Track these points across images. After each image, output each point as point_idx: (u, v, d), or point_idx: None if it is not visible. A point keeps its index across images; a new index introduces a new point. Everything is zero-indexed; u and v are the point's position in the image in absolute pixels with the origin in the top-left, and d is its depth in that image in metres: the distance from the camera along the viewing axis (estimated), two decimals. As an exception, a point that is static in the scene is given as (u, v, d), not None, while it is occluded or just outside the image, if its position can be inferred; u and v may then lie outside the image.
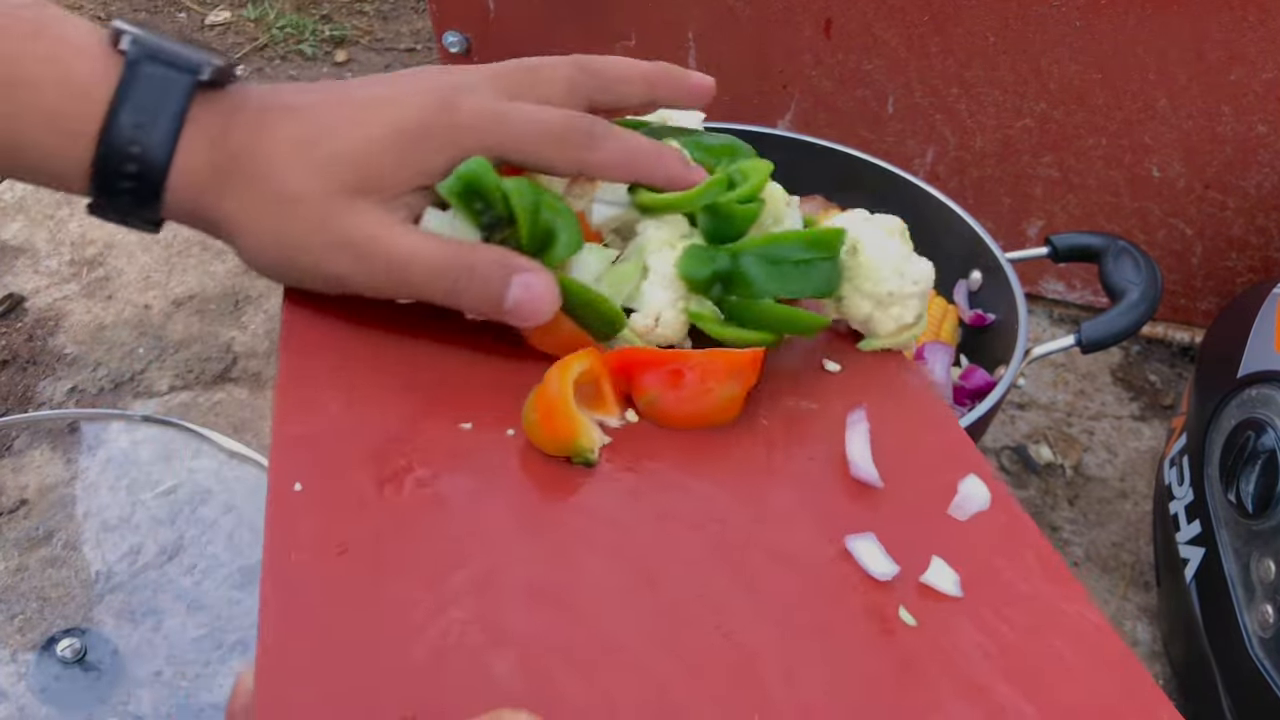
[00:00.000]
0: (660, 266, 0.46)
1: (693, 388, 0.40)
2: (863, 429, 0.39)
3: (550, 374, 0.38)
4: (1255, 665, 0.58)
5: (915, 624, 0.32)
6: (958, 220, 0.74)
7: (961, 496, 0.37)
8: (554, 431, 0.37)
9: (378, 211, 0.41)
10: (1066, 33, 0.87)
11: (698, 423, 0.40)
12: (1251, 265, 0.94)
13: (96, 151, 0.38)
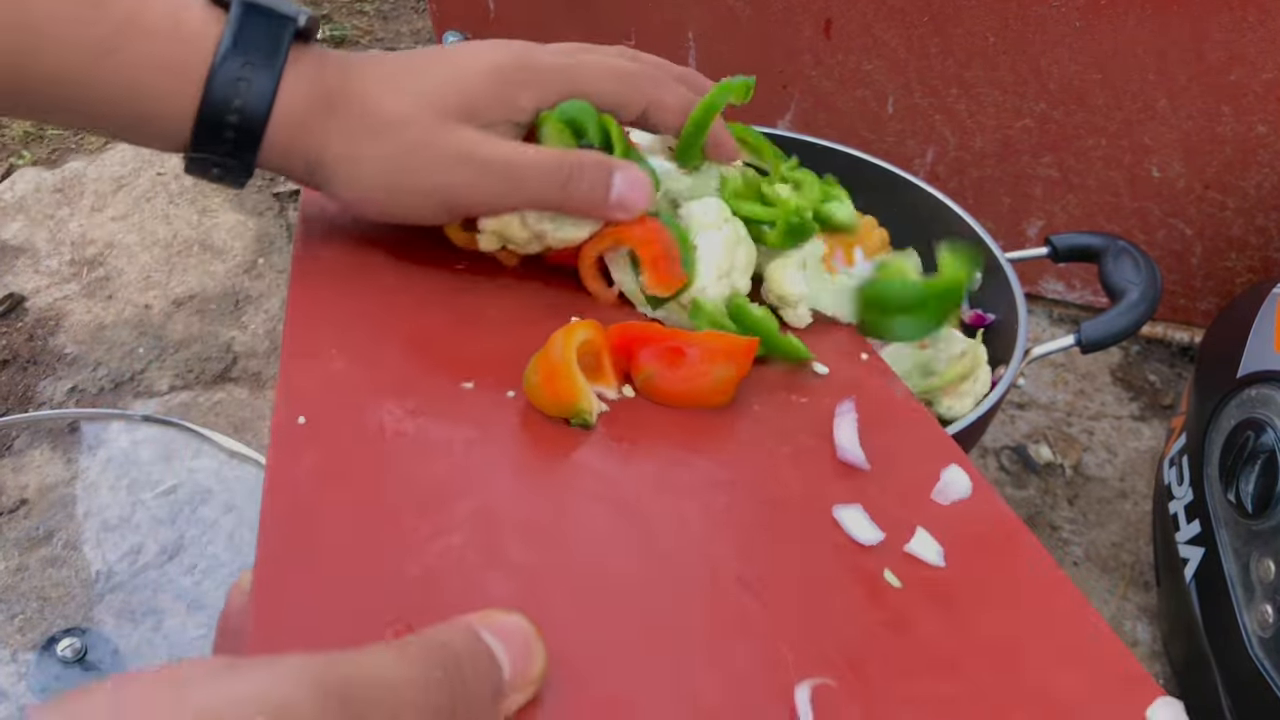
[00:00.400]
0: (707, 245, 0.48)
1: (690, 367, 0.41)
2: (851, 418, 0.41)
3: (555, 338, 0.39)
4: (1255, 665, 0.58)
5: (900, 585, 0.34)
6: (957, 220, 0.74)
7: (944, 483, 0.39)
8: (555, 392, 0.38)
9: (481, 132, 0.44)
10: (1066, 33, 0.87)
11: (692, 402, 0.41)
12: (1251, 265, 0.94)
13: (204, 94, 0.41)
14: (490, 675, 0.24)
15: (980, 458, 0.88)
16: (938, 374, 0.58)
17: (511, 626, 0.25)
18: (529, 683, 0.25)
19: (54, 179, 1.14)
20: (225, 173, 0.44)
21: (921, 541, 0.36)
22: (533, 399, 0.39)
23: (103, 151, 1.18)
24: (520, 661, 0.25)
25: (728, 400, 0.42)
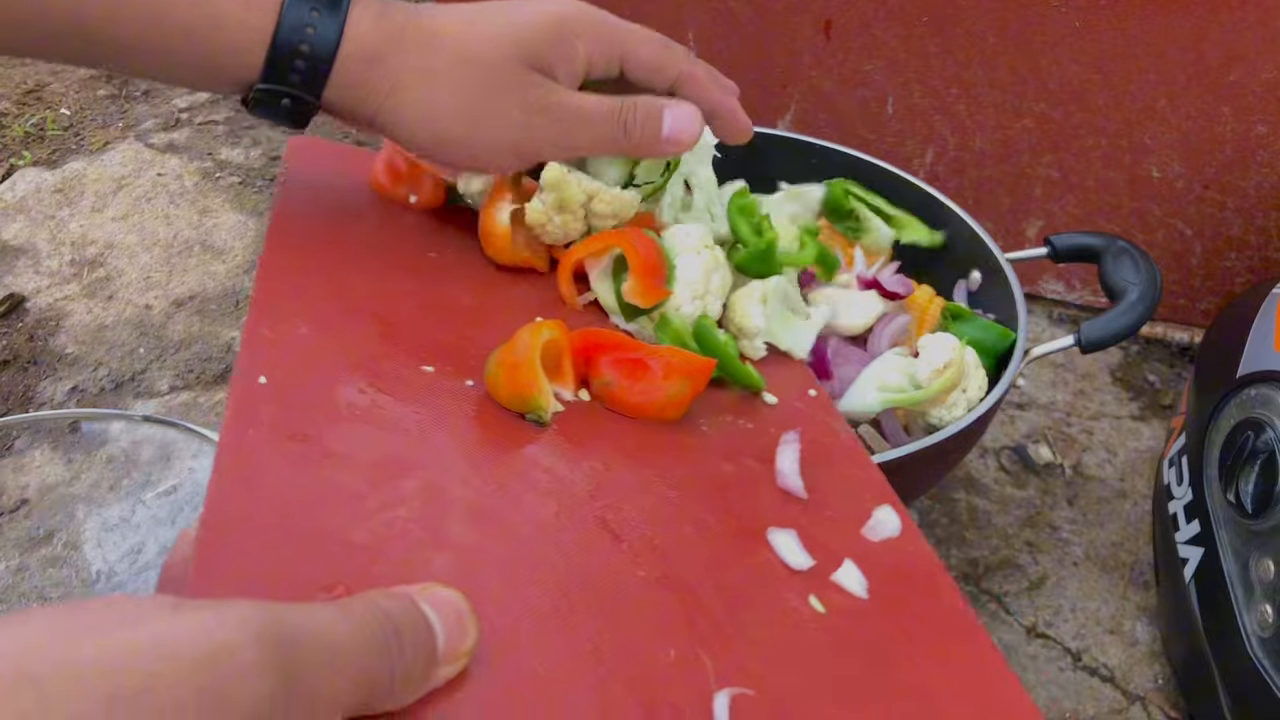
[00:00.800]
0: (685, 267, 0.51)
1: (648, 380, 0.42)
2: (794, 448, 0.43)
3: (521, 333, 0.40)
4: (1254, 665, 0.58)
5: (824, 611, 0.35)
6: (957, 220, 0.74)
7: (875, 521, 0.40)
8: (515, 385, 0.39)
9: (548, 81, 0.47)
10: (1066, 33, 0.87)
11: (645, 413, 0.42)
12: (1250, 265, 0.94)
13: (277, 24, 0.42)
14: (426, 645, 0.25)
15: (980, 458, 0.88)
16: (924, 386, 0.58)
17: (448, 601, 0.26)
18: (460, 655, 0.26)
19: (54, 179, 1.14)
20: (295, 106, 0.44)
21: (848, 572, 0.37)
22: (492, 390, 0.39)
23: (103, 152, 1.18)
24: (454, 635, 0.26)
25: (679, 416, 0.43)
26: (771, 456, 0.42)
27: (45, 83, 1.29)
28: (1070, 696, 0.71)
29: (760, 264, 0.56)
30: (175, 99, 1.28)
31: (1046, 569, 0.80)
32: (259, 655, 0.21)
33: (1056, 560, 0.80)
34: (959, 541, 0.81)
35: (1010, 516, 0.84)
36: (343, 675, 0.22)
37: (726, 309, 0.55)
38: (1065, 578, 0.79)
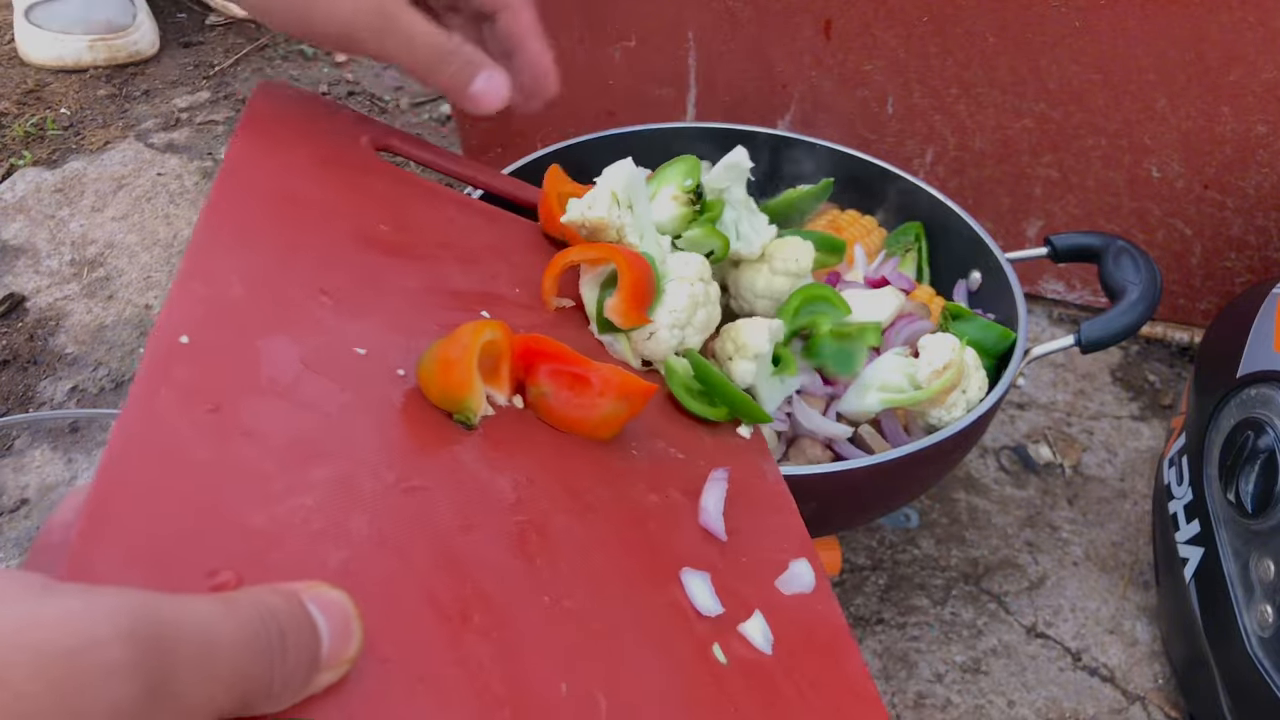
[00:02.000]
0: (673, 294, 0.51)
1: (586, 396, 0.41)
2: (721, 486, 0.42)
3: (463, 331, 0.38)
4: (1254, 664, 0.58)
5: (725, 663, 0.34)
6: (957, 220, 0.74)
7: (791, 573, 0.40)
8: (448, 384, 0.37)
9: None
10: (1066, 33, 0.87)
11: (578, 429, 0.41)
12: (1250, 265, 0.94)
13: None
14: (310, 650, 0.24)
15: (980, 457, 0.88)
16: (923, 387, 0.58)
17: (336, 603, 0.25)
18: (343, 662, 0.24)
19: (54, 179, 1.14)
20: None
21: (756, 625, 0.36)
22: (423, 384, 0.38)
23: (103, 151, 1.18)
24: (339, 640, 0.24)
25: (611, 436, 0.42)
26: (698, 490, 0.41)
27: (45, 83, 1.29)
28: (1070, 696, 0.71)
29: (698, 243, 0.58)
30: (175, 99, 1.28)
31: (1046, 569, 0.80)
32: (125, 654, 0.19)
33: (1056, 560, 0.80)
34: (959, 541, 0.81)
35: (1010, 516, 0.84)
36: (218, 678, 0.21)
37: (721, 337, 0.55)
38: (1065, 578, 0.79)
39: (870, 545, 0.81)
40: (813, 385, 0.60)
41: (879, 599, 0.77)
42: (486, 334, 0.39)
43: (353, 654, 0.25)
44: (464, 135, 1.14)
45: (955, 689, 0.71)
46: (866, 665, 0.37)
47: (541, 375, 0.41)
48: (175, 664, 0.20)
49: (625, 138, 0.75)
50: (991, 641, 0.75)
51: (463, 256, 0.49)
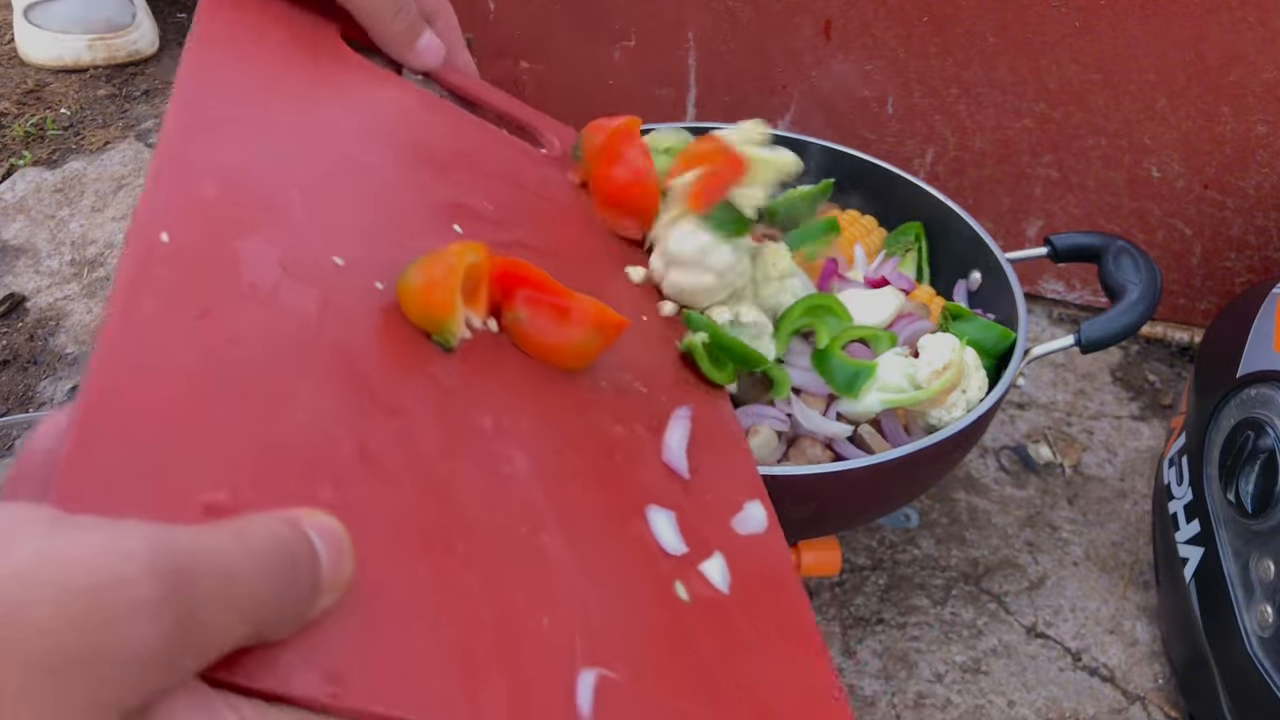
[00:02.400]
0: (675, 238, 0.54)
1: (561, 324, 0.41)
2: (685, 425, 0.43)
3: (447, 250, 0.38)
4: (1254, 665, 0.58)
5: (687, 600, 0.35)
6: (957, 220, 0.74)
7: (746, 514, 0.41)
8: (429, 304, 0.37)
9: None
10: (1066, 33, 0.87)
11: (551, 357, 0.41)
12: (1250, 265, 0.94)
13: None
14: (313, 574, 0.24)
15: (980, 457, 0.88)
16: (923, 387, 0.58)
17: (329, 528, 0.25)
18: (339, 586, 0.25)
19: (54, 179, 1.14)
20: None
21: (715, 565, 0.37)
22: (403, 302, 0.37)
23: (103, 151, 1.18)
24: (334, 564, 0.24)
25: (582, 366, 0.42)
26: (661, 427, 0.42)
27: (45, 83, 1.29)
28: (1070, 696, 0.71)
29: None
30: (175, 99, 1.28)
31: (1046, 569, 0.80)
32: (152, 591, 0.19)
33: (1056, 560, 0.80)
34: (959, 541, 0.81)
35: (1010, 516, 0.84)
36: (237, 608, 0.21)
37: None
38: (1065, 578, 0.79)
39: (870, 545, 0.81)
40: (813, 385, 0.60)
41: (879, 599, 0.77)
42: (470, 257, 0.38)
43: (346, 578, 0.25)
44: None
45: (955, 689, 0.71)
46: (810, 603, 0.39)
47: (519, 301, 0.41)
48: (198, 597, 0.20)
49: (625, 138, 0.75)
50: (991, 641, 0.75)
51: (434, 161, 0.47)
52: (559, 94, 1.07)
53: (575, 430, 0.39)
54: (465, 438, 0.34)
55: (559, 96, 1.07)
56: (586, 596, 0.32)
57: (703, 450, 0.42)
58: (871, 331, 0.61)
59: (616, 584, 0.33)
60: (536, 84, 1.07)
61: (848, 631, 0.75)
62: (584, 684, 0.29)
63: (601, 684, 0.29)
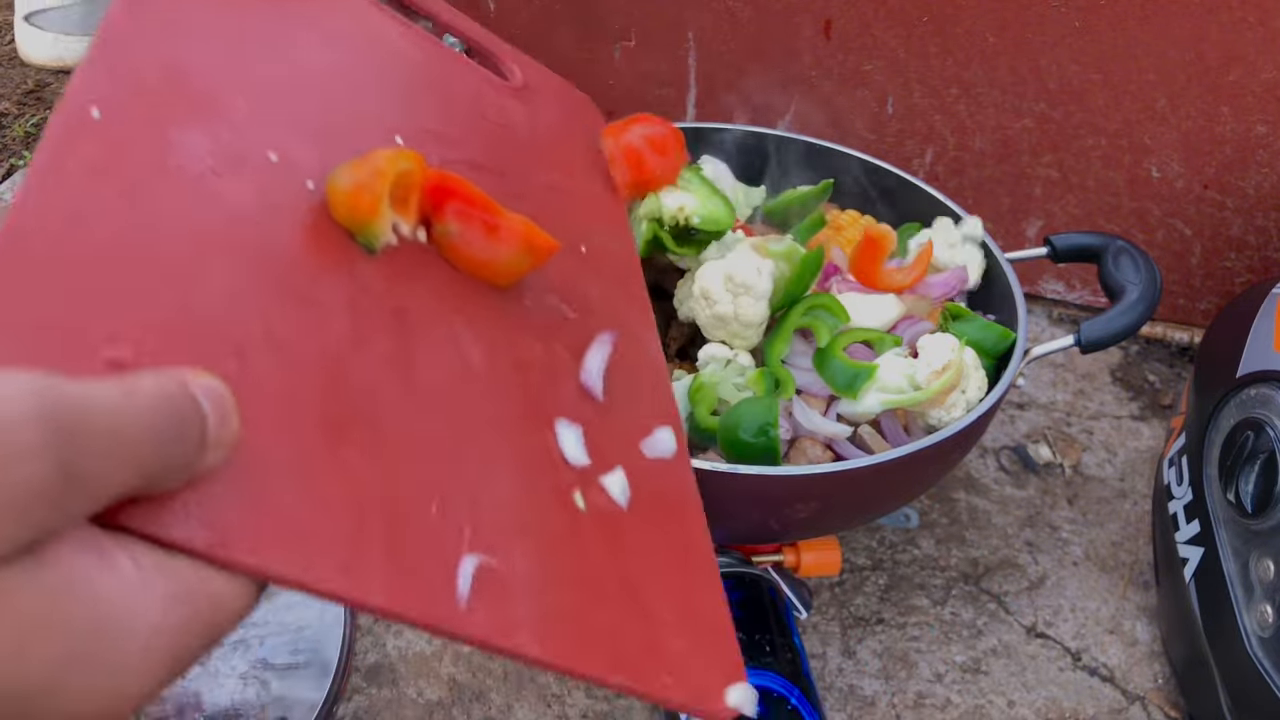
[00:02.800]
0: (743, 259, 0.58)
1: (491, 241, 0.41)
2: (606, 349, 0.43)
3: (378, 154, 0.38)
4: (1254, 665, 0.59)
5: (583, 508, 0.36)
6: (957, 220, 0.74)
7: (655, 438, 0.42)
8: (356, 205, 0.37)
9: None
10: (1066, 33, 0.87)
11: (478, 272, 0.42)
12: (1250, 265, 0.94)
13: None
14: (198, 429, 0.24)
15: (980, 457, 0.89)
16: (922, 388, 0.58)
17: (215, 389, 0.25)
18: (224, 444, 0.25)
19: (54, 179, 1.14)
20: None
21: (616, 480, 0.38)
22: (331, 202, 0.37)
23: (103, 152, 1.19)
24: (219, 422, 0.25)
25: (509, 284, 0.43)
26: (582, 351, 0.43)
27: (45, 83, 1.29)
28: (1070, 696, 0.71)
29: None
30: (175, 99, 1.28)
31: (1046, 569, 0.80)
32: (37, 436, 0.19)
33: (1056, 560, 0.80)
34: (959, 541, 0.81)
35: (1010, 516, 0.84)
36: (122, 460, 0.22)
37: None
38: (1065, 578, 0.79)
39: (870, 545, 0.81)
40: (813, 386, 0.60)
41: (879, 599, 0.77)
42: (402, 164, 0.38)
43: (231, 437, 0.26)
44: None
45: (955, 689, 0.71)
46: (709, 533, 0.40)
47: (449, 214, 0.41)
48: (83, 445, 0.21)
49: (625, 138, 0.75)
50: (991, 641, 0.75)
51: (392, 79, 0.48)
52: (559, 94, 1.07)
53: (492, 341, 0.39)
54: (377, 334, 0.34)
55: (559, 96, 1.07)
56: (480, 492, 0.33)
57: (621, 376, 0.43)
58: (875, 334, 0.61)
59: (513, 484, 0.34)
60: (536, 84, 1.07)
61: (848, 631, 0.75)
62: (465, 568, 0.29)
63: (483, 570, 0.30)
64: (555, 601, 0.32)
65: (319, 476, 0.28)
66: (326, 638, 0.66)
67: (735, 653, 0.35)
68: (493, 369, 0.38)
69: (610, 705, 0.69)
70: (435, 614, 0.28)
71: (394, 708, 0.69)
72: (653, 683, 0.32)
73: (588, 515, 0.36)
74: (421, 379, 0.35)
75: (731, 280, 0.57)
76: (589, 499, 0.36)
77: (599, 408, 0.41)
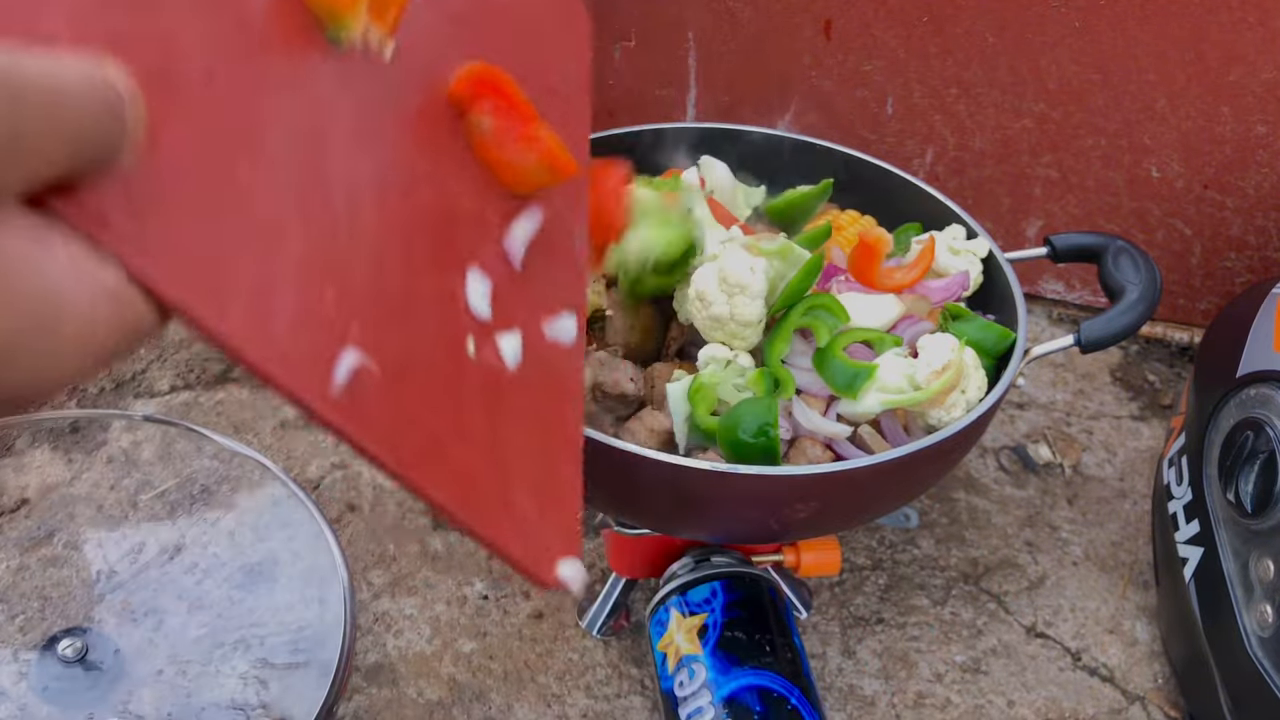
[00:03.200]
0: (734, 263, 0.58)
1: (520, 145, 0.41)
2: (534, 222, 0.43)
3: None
4: (1254, 664, 0.59)
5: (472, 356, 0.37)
6: (957, 220, 0.74)
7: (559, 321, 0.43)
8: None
9: None
10: (1066, 33, 0.87)
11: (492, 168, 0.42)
12: (1250, 265, 0.94)
13: None
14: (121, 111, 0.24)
15: (980, 457, 0.89)
16: (922, 388, 0.58)
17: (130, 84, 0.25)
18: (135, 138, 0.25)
19: (54, 179, 1.14)
20: None
21: (511, 342, 0.39)
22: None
23: (103, 151, 1.19)
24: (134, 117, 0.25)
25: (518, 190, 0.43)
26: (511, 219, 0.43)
27: None
28: (1070, 696, 0.71)
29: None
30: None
31: (1046, 569, 0.80)
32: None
33: (1056, 560, 0.80)
34: (959, 541, 0.81)
35: (1010, 516, 0.84)
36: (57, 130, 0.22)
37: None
38: (1065, 577, 0.79)
39: (870, 545, 0.81)
40: (813, 386, 0.60)
41: (879, 599, 0.77)
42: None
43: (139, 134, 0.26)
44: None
45: (955, 689, 0.71)
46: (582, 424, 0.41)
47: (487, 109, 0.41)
48: (24, 110, 0.21)
49: (625, 138, 0.75)
50: (991, 641, 0.75)
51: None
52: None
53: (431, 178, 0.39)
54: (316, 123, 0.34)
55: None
56: (378, 300, 0.33)
57: (542, 254, 0.43)
58: (875, 334, 0.61)
59: (411, 307, 0.35)
60: (536, 84, 1.07)
61: (847, 631, 0.75)
62: (346, 361, 0.30)
63: (361, 370, 0.31)
64: (421, 423, 0.33)
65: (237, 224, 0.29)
66: (326, 638, 0.66)
67: (578, 534, 0.36)
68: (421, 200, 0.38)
69: (610, 705, 0.70)
70: (308, 390, 0.29)
71: (394, 708, 0.69)
72: (495, 531, 0.33)
73: (474, 363, 0.37)
74: (348, 176, 0.34)
75: (725, 281, 0.57)
76: (480, 350, 0.37)
77: (513, 275, 0.41)
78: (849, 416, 0.60)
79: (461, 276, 0.38)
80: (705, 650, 0.60)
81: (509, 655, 0.72)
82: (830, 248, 0.70)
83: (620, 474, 0.54)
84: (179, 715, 0.62)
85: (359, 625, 0.72)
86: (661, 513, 0.59)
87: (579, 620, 0.74)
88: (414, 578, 0.77)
